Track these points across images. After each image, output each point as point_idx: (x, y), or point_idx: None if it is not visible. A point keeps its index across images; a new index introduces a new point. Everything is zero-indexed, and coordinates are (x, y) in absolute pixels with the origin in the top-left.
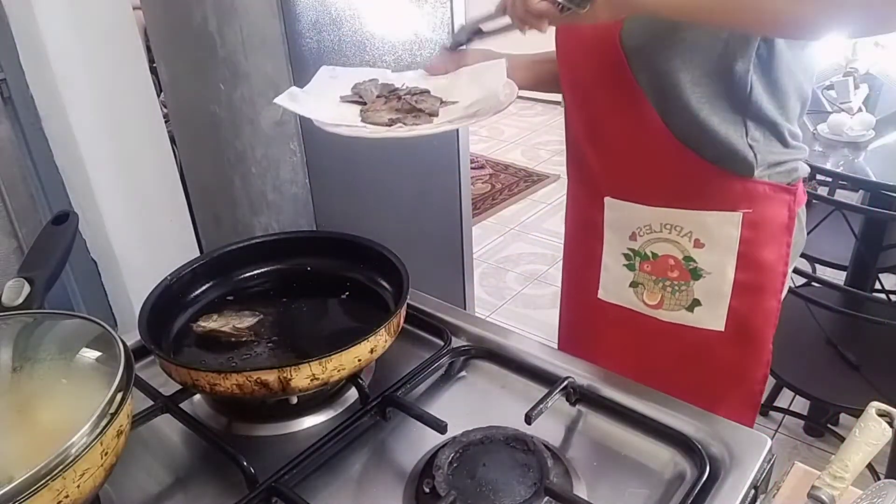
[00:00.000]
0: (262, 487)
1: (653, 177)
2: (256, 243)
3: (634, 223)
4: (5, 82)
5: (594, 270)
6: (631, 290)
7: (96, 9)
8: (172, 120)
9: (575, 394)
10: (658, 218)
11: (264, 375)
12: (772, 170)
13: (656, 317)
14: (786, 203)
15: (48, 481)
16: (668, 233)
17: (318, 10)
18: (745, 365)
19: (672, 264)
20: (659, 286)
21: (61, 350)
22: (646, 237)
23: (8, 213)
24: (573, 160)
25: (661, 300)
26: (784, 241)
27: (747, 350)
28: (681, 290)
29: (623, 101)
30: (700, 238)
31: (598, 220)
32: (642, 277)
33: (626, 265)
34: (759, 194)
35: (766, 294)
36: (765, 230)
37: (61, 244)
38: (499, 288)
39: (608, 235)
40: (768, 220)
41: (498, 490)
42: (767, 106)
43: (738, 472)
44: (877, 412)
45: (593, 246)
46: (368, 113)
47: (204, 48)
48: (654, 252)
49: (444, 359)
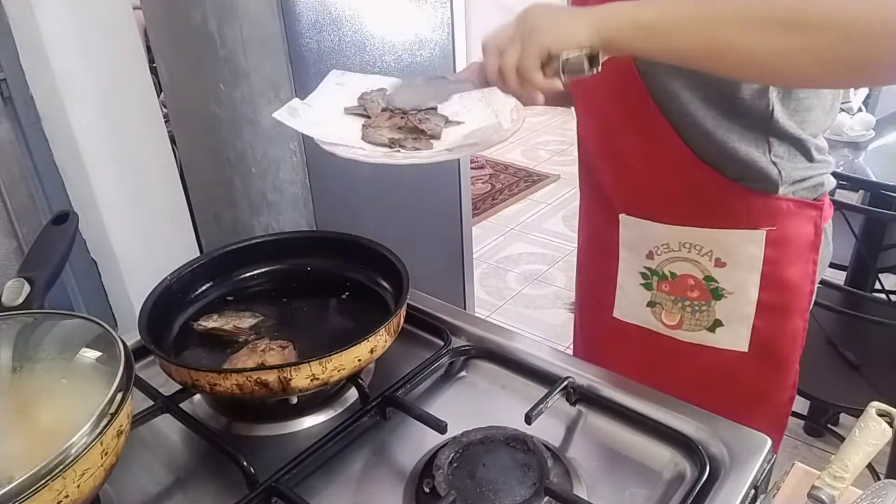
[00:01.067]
0: (262, 487)
1: (671, 194)
2: (256, 243)
3: (651, 242)
4: (5, 82)
5: (609, 288)
6: (648, 310)
7: (96, 9)
8: (172, 120)
9: (575, 394)
10: (677, 237)
11: (264, 375)
12: (796, 186)
13: (675, 337)
14: (811, 219)
15: (48, 481)
16: (688, 252)
17: (318, 10)
18: (769, 387)
19: (692, 284)
20: (678, 306)
21: (61, 350)
22: (664, 256)
23: (8, 213)
24: (585, 175)
25: (681, 320)
26: (810, 258)
27: (772, 372)
28: (701, 311)
29: (638, 116)
30: (721, 257)
31: (613, 237)
32: (660, 297)
33: (643, 284)
34: (782, 211)
35: (792, 314)
36: (789, 248)
37: (61, 244)
38: (499, 288)
39: (624, 254)
40: (793, 237)
41: (498, 490)
42: (790, 122)
43: (738, 472)
44: (877, 412)
45: (608, 263)
46: (369, 130)
47: (204, 48)
48: (672, 272)
49: (444, 359)
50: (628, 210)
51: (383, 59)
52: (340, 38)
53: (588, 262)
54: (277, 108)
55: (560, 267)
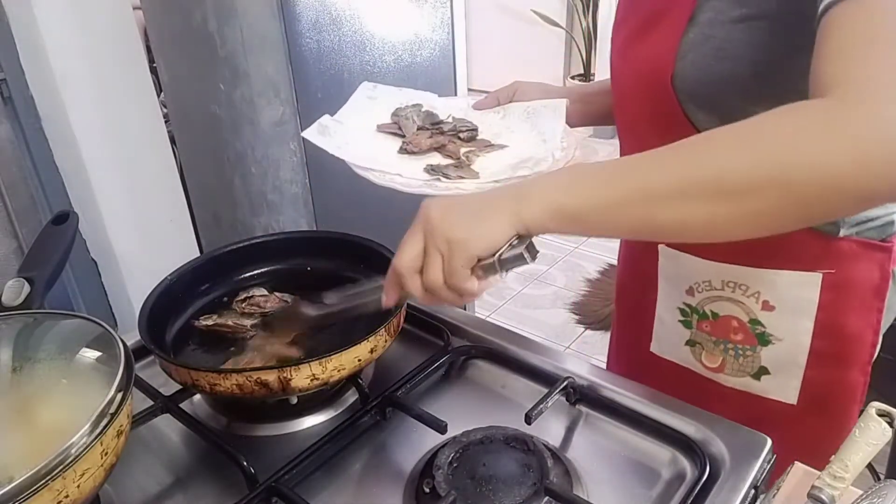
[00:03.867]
0: (262, 487)
1: None
2: (256, 243)
3: (692, 277)
4: (5, 82)
5: (647, 320)
6: (687, 349)
7: (96, 9)
8: (172, 120)
9: (575, 394)
10: (719, 274)
11: (264, 375)
12: (862, 226)
13: (717, 381)
14: (877, 262)
15: (48, 481)
16: (732, 291)
17: (318, 10)
18: (820, 442)
19: (735, 326)
20: (720, 348)
21: (61, 350)
22: (704, 294)
23: (8, 213)
24: None
25: (723, 364)
26: (874, 306)
27: (825, 427)
28: (745, 356)
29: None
30: (769, 300)
31: (653, 267)
32: (701, 337)
33: (682, 321)
34: (843, 252)
35: (850, 366)
36: (850, 293)
37: (61, 244)
38: (499, 288)
39: (662, 285)
40: (855, 282)
41: (498, 490)
42: None
43: (738, 472)
44: (877, 412)
45: (646, 293)
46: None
47: (204, 48)
48: (714, 311)
49: (444, 359)
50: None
51: (383, 59)
52: (340, 38)
53: (627, 290)
54: (277, 109)
55: (560, 267)
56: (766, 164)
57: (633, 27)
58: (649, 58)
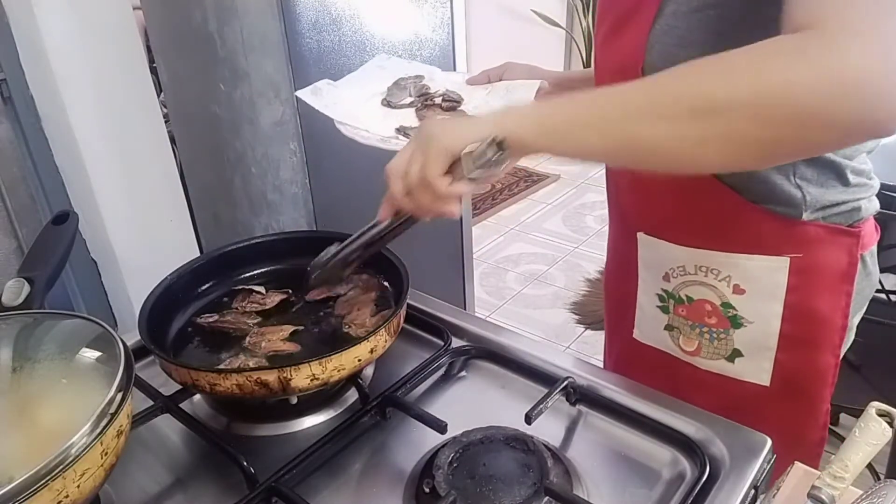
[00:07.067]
0: (262, 487)
1: (686, 214)
2: (256, 243)
3: (667, 263)
4: (5, 82)
5: (630, 307)
6: (666, 334)
7: (96, 9)
8: (172, 120)
9: (575, 394)
10: (693, 259)
11: (264, 375)
12: (826, 211)
13: (694, 364)
14: (846, 247)
15: (48, 481)
16: (704, 276)
17: (318, 10)
18: (796, 426)
19: (709, 310)
20: (696, 332)
21: (61, 350)
22: (679, 279)
23: (8, 213)
24: (609, 191)
25: (699, 347)
26: (843, 290)
27: (799, 409)
28: (720, 339)
29: None
30: (740, 283)
31: (633, 255)
32: (678, 321)
33: (660, 307)
34: (811, 237)
35: (820, 349)
36: (818, 278)
37: (61, 244)
38: (499, 288)
39: (642, 273)
40: (822, 266)
41: (498, 490)
42: None
43: (738, 472)
44: (877, 412)
45: (628, 282)
46: (391, 101)
47: (204, 48)
48: (688, 296)
49: (444, 359)
50: (645, 228)
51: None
52: (340, 38)
53: (613, 280)
54: (277, 109)
55: (560, 267)
56: (739, 86)
57: (610, 23)
58: (623, 51)
